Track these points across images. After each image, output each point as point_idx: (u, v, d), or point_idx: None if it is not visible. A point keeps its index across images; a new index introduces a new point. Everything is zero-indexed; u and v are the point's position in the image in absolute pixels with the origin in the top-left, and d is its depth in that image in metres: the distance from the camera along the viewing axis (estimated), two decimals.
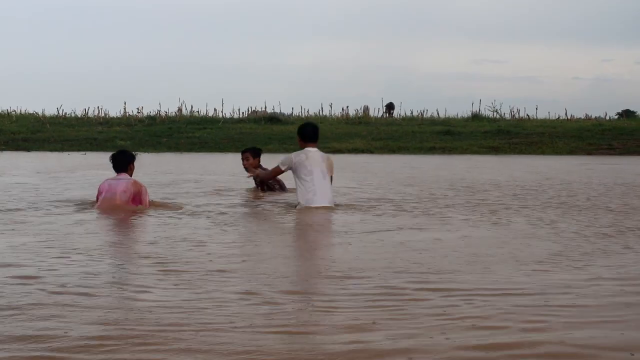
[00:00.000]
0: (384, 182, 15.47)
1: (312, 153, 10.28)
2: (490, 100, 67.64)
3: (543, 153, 33.48)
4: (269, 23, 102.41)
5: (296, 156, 10.23)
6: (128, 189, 9.82)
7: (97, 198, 10.02)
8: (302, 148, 10.41)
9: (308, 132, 10.59)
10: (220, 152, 32.98)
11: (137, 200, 9.89)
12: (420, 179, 16.60)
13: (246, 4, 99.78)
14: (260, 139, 36.62)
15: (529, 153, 33.56)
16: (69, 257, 6.10)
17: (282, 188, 12.54)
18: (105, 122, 43.03)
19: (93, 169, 18.54)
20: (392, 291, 4.90)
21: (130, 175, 10.06)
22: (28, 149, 34.04)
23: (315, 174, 10.04)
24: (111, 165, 10.14)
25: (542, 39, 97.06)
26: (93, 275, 5.36)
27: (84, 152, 31.97)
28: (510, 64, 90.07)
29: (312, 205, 9.91)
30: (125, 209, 9.67)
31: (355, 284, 5.09)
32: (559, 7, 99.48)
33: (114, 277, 5.37)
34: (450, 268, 5.75)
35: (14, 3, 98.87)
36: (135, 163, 10.30)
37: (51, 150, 33.57)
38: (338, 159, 27.75)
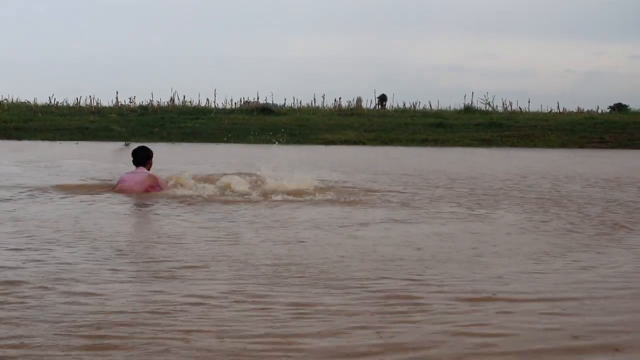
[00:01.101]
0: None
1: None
2: (483, 93, 67.61)
3: (535, 146, 33.54)
4: (262, 14, 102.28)
5: None
6: (144, 181, 10.71)
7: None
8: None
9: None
10: (212, 142, 32.93)
11: (155, 190, 10.74)
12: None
13: None
14: (253, 129, 36.57)
15: (521, 146, 33.60)
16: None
17: None
18: (98, 111, 42.93)
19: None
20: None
21: (148, 170, 10.97)
22: (20, 138, 33.98)
23: None
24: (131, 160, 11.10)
25: (535, 32, 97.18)
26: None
27: (76, 142, 31.92)
28: (503, 57, 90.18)
29: None
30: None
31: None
32: (552, 0, 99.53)
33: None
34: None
35: None
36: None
37: (43, 139, 33.52)
38: (330, 150, 28.02)
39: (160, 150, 23.74)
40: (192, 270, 5.36)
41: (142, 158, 11.02)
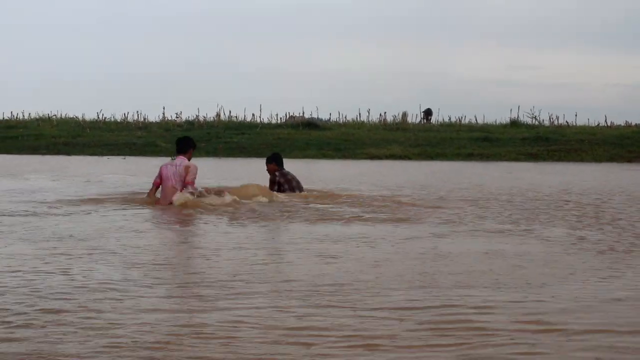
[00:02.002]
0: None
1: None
2: (529, 106, 67.01)
3: (582, 160, 33.21)
4: (306, 28, 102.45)
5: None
6: (177, 173, 11.28)
7: (155, 181, 11.57)
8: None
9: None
10: (258, 157, 33.06)
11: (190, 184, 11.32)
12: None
13: (284, 8, 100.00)
14: (298, 144, 36.70)
15: (568, 160, 33.30)
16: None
17: (291, 189, 12.78)
18: (144, 127, 43.27)
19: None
20: None
21: (189, 159, 11.47)
22: (68, 153, 34.44)
23: None
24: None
25: (581, 44, 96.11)
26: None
27: (123, 157, 32.24)
28: (546, 70, 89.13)
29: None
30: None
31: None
32: (594, 11, 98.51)
33: None
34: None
35: (51, 10, 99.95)
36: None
37: (91, 154, 33.95)
38: (375, 165, 28.01)
39: (207, 165, 23.91)
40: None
41: (185, 146, 11.66)
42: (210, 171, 19.91)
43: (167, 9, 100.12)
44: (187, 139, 11.96)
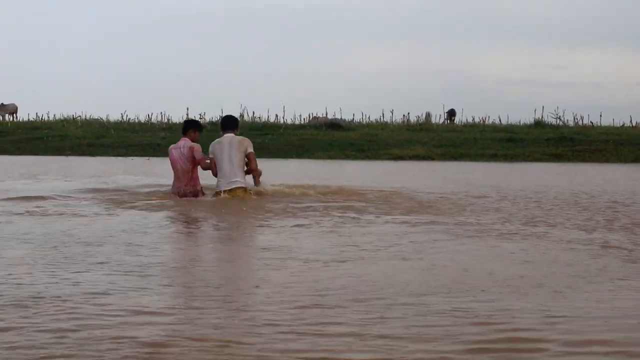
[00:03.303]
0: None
1: (223, 139, 11.65)
2: (553, 106, 66.68)
3: (607, 161, 33.03)
4: (328, 29, 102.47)
5: (212, 145, 11.77)
6: (182, 154, 11.89)
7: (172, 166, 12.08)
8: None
9: (222, 122, 12.18)
10: (281, 158, 33.10)
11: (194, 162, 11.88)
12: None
13: (305, 10, 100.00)
14: (321, 145, 36.72)
15: (593, 161, 33.12)
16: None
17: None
18: (168, 127, 43.37)
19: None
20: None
21: (192, 140, 12.02)
22: (93, 154, 34.62)
23: (223, 160, 11.49)
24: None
25: (605, 44, 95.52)
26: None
27: (147, 157, 32.35)
28: (570, 70, 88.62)
29: (218, 190, 11.45)
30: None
31: None
32: (619, 10, 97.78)
33: None
34: None
35: (75, 12, 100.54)
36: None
37: (115, 155, 34.10)
38: (398, 165, 27.95)
39: None
40: None
41: (185, 128, 12.43)
42: None
43: (191, 10, 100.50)
44: (188, 121, 12.88)
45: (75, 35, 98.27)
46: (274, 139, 38.31)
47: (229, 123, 11.92)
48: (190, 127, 12.33)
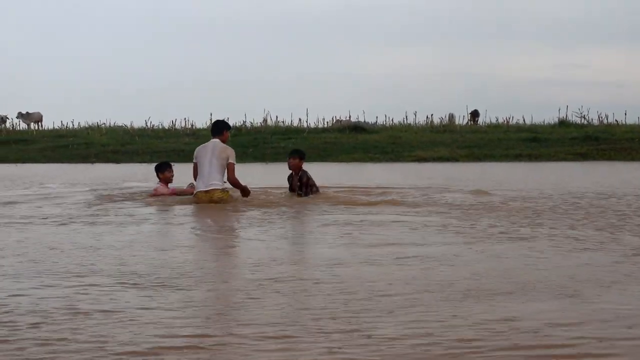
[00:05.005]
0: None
1: (208, 144, 12.00)
2: (577, 105, 66.39)
3: (633, 159, 32.86)
4: (352, 32, 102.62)
5: (197, 149, 12.21)
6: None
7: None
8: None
9: (211, 127, 12.59)
10: (306, 162, 33.04)
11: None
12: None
13: (328, 13, 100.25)
14: (345, 148, 36.77)
15: (618, 159, 32.97)
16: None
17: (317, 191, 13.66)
18: (192, 133, 43.56)
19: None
20: None
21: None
22: (117, 161, 34.81)
23: (204, 165, 11.83)
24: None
25: (626, 42, 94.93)
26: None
27: (172, 163, 32.38)
28: (594, 69, 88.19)
29: (197, 190, 11.84)
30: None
31: None
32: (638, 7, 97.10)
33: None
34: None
35: (97, 20, 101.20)
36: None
37: (140, 162, 34.21)
38: (422, 167, 27.82)
39: (255, 171, 24.01)
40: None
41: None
42: (259, 176, 19.97)
43: (214, 16, 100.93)
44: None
45: (98, 44, 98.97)
46: (297, 143, 38.34)
47: (216, 129, 12.29)
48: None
